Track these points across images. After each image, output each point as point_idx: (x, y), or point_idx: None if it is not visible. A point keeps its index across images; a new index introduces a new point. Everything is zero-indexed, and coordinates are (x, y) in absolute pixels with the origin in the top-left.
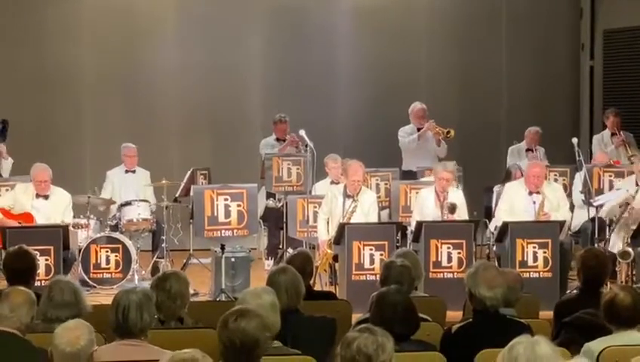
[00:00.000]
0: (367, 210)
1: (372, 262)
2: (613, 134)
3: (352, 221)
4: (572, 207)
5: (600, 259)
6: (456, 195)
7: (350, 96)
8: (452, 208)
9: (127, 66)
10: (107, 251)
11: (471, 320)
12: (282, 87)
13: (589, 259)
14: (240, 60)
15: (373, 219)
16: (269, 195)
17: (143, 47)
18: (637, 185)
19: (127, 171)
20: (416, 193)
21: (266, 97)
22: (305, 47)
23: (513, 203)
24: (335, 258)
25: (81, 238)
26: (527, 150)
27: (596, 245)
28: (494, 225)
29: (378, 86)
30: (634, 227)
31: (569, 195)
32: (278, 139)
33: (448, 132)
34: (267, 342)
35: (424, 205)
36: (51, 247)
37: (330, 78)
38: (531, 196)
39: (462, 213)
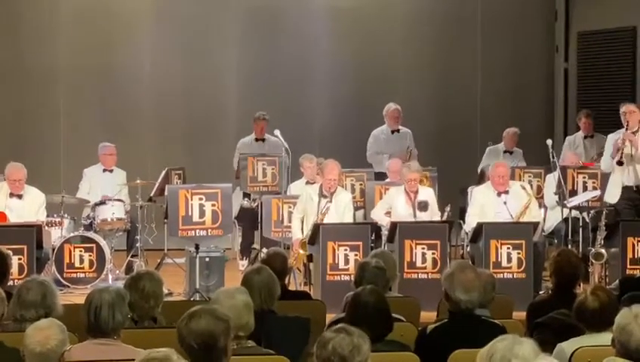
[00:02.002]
0: (342, 210)
1: (347, 262)
2: (585, 136)
3: (325, 221)
4: (544, 208)
5: (573, 261)
6: (427, 193)
7: (326, 95)
8: (423, 206)
9: (103, 66)
10: (81, 250)
11: (446, 320)
12: (258, 86)
13: (562, 260)
14: (216, 60)
15: (348, 219)
16: (244, 195)
17: (119, 46)
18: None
19: (104, 170)
20: None
21: (241, 97)
22: (281, 46)
23: (483, 206)
24: (310, 258)
25: (54, 237)
26: (505, 151)
27: (570, 246)
28: (467, 228)
29: (354, 85)
30: None
31: (542, 197)
32: (257, 139)
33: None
34: (227, 333)
35: (395, 204)
36: (24, 246)
37: (306, 78)
38: (500, 197)
39: (433, 210)
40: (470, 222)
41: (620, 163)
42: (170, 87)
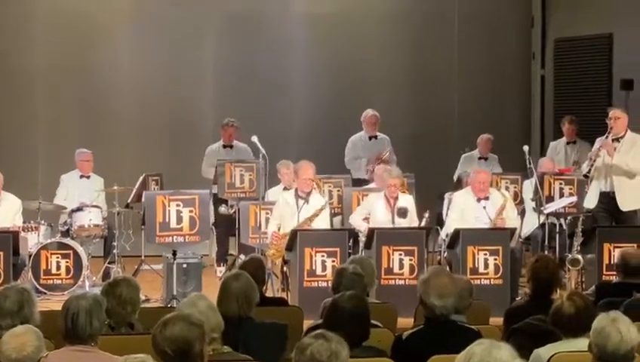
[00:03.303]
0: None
1: (324, 268)
2: (568, 142)
3: (313, 225)
4: (522, 214)
5: (551, 267)
6: (407, 200)
7: (303, 101)
8: (402, 212)
9: (81, 71)
10: (58, 257)
11: (422, 326)
12: (236, 92)
13: (540, 266)
14: (194, 65)
15: (326, 220)
16: (221, 201)
17: (97, 51)
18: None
19: (81, 176)
20: None
21: (219, 102)
22: (259, 52)
23: (463, 211)
24: (287, 263)
25: (31, 244)
26: (480, 158)
27: (546, 252)
28: (445, 233)
29: (331, 91)
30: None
31: (519, 203)
32: (224, 146)
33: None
34: (202, 338)
35: (373, 210)
36: (1, 253)
37: (283, 84)
38: (480, 202)
39: (412, 218)
40: (450, 227)
41: (586, 176)
42: (148, 93)
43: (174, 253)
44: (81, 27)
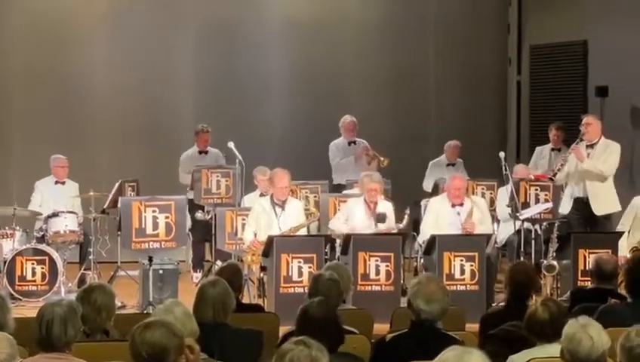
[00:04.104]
0: (296, 217)
1: (300, 274)
2: (553, 149)
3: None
4: (497, 221)
5: (528, 273)
6: (385, 206)
7: (281, 107)
8: (381, 218)
9: (56, 76)
10: (33, 263)
11: (406, 330)
12: (213, 98)
13: (517, 272)
14: (171, 70)
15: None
16: (198, 207)
17: (73, 56)
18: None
19: (56, 182)
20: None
21: (196, 108)
22: (236, 57)
23: (438, 217)
24: (264, 270)
25: (6, 250)
26: (448, 164)
27: (522, 258)
28: (422, 239)
29: (308, 97)
30: None
31: (495, 210)
32: (200, 152)
33: (382, 161)
34: (179, 350)
35: (353, 215)
36: None
37: (261, 90)
38: (455, 208)
39: (390, 224)
40: (425, 231)
41: (551, 179)
42: (124, 98)
43: (150, 259)
44: (56, 31)
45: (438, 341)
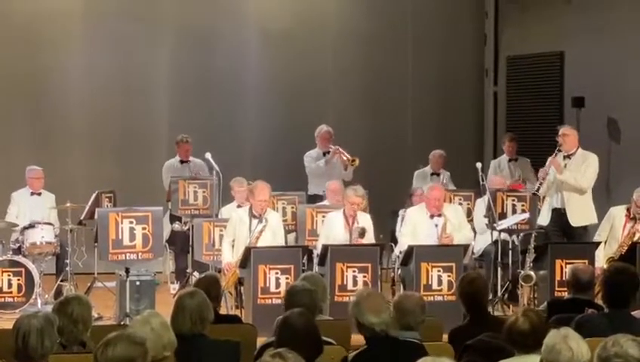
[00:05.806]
0: (274, 228)
1: (278, 285)
2: (510, 160)
3: (261, 241)
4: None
5: (476, 284)
6: (365, 219)
7: (257, 118)
8: (362, 232)
9: (32, 87)
10: (9, 275)
11: (366, 346)
12: (189, 107)
13: (464, 282)
14: (148, 79)
15: (281, 237)
16: (175, 218)
17: (48, 66)
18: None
19: (32, 193)
20: (323, 217)
21: (173, 117)
22: (213, 65)
23: (415, 227)
24: (241, 281)
25: None
26: (432, 174)
27: (499, 268)
28: (399, 249)
29: (285, 107)
30: None
31: (472, 220)
32: (182, 161)
33: (353, 160)
34: (144, 356)
35: (332, 228)
36: None
37: (237, 99)
38: (433, 219)
39: (370, 237)
40: (402, 242)
41: (535, 194)
42: (100, 108)
43: (127, 271)
44: (30, 40)
45: (399, 349)
